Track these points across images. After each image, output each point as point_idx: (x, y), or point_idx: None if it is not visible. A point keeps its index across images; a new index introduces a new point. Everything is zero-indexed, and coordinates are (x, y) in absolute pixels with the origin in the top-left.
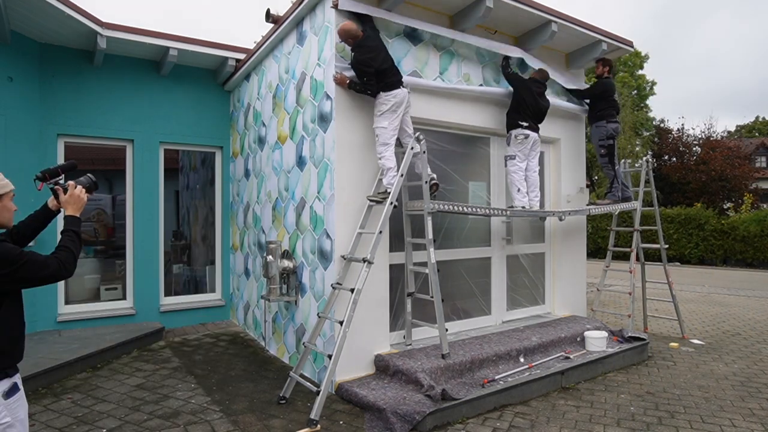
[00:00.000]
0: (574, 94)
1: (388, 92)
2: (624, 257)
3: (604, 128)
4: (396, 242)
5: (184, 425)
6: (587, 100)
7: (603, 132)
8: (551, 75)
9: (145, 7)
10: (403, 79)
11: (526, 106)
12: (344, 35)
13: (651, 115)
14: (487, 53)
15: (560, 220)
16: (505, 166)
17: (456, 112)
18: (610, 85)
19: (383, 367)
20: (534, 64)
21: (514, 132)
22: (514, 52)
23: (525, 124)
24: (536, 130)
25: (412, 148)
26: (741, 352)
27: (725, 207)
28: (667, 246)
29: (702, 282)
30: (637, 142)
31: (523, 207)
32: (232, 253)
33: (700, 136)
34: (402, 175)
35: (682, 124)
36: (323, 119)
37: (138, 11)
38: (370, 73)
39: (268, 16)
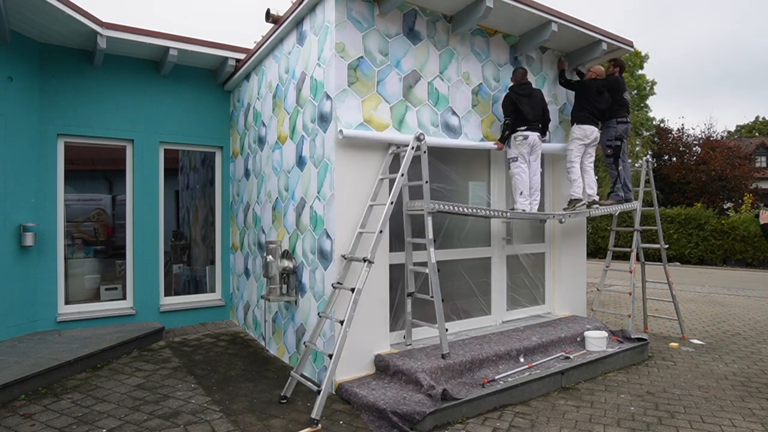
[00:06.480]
0: None
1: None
2: (624, 257)
3: (614, 128)
4: (396, 242)
5: (184, 425)
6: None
7: (612, 132)
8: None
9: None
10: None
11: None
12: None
13: (651, 114)
14: (485, 51)
15: (560, 222)
16: (508, 168)
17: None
18: (620, 82)
19: (383, 367)
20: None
21: (513, 134)
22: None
23: (524, 126)
24: (536, 130)
25: (413, 148)
26: (741, 352)
27: (725, 207)
28: (667, 246)
29: (702, 282)
30: (637, 142)
31: (524, 210)
32: (232, 253)
33: (700, 136)
34: (403, 175)
35: (682, 124)
36: (323, 119)
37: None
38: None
39: (268, 16)
